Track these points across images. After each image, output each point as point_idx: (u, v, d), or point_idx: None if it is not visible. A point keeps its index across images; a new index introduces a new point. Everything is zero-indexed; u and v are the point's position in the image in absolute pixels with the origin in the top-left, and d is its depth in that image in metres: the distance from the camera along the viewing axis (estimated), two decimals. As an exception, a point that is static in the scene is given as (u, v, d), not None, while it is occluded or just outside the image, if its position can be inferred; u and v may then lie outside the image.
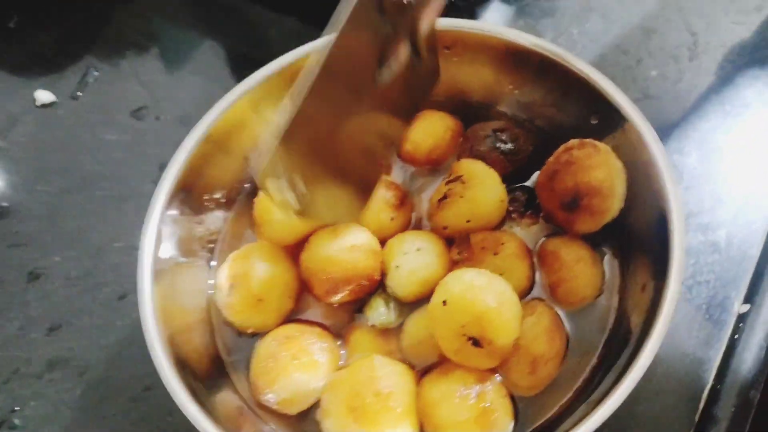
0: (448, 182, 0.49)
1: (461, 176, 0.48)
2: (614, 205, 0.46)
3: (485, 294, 0.40)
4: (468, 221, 0.48)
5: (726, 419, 0.48)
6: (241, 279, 0.47)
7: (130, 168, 0.68)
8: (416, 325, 0.47)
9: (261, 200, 0.50)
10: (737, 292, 0.52)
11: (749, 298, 0.52)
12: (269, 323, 0.48)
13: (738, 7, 0.65)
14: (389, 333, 0.48)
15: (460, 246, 0.48)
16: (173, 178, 0.48)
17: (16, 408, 0.55)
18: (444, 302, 0.41)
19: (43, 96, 0.74)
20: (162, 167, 0.67)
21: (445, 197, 0.48)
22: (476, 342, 0.40)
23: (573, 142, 0.49)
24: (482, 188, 0.48)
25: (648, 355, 0.39)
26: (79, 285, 0.61)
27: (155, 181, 0.66)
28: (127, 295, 0.60)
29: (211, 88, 0.71)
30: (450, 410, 0.40)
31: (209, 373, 0.46)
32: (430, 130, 0.54)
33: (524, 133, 0.52)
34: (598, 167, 0.46)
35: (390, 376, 0.41)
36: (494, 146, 0.51)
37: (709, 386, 0.49)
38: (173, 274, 0.47)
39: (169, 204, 0.48)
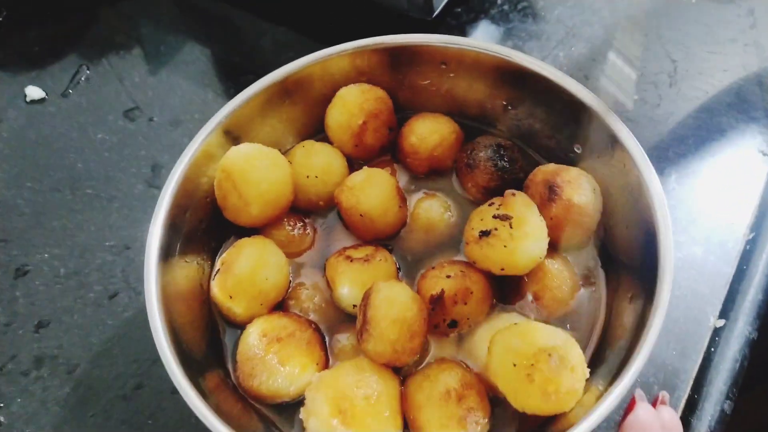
0: (495, 216, 0.46)
1: (511, 217, 0.46)
2: (593, 218, 0.50)
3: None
4: (502, 269, 0.47)
5: (704, 429, 0.50)
6: (228, 266, 0.48)
7: (119, 169, 0.68)
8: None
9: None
10: (713, 308, 0.55)
11: (724, 313, 0.55)
12: (255, 312, 0.49)
13: (714, 38, 0.69)
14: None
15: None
16: (179, 177, 0.48)
17: (0, 405, 0.54)
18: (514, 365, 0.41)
19: (34, 92, 0.74)
20: (154, 168, 0.68)
21: (488, 234, 0.46)
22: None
23: (549, 166, 0.52)
24: (527, 241, 0.46)
25: (637, 366, 0.41)
26: (68, 283, 0.60)
27: (147, 182, 0.67)
28: (118, 293, 0.59)
29: (203, 93, 0.72)
30: (433, 413, 0.42)
31: (208, 362, 0.47)
32: (436, 126, 0.55)
33: (522, 158, 0.54)
34: (581, 191, 0.49)
35: (377, 380, 0.42)
36: (491, 158, 0.52)
37: (686, 396, 0.51)
38: (176, 271, 0.48)
39: (174, 203, 0.48)
